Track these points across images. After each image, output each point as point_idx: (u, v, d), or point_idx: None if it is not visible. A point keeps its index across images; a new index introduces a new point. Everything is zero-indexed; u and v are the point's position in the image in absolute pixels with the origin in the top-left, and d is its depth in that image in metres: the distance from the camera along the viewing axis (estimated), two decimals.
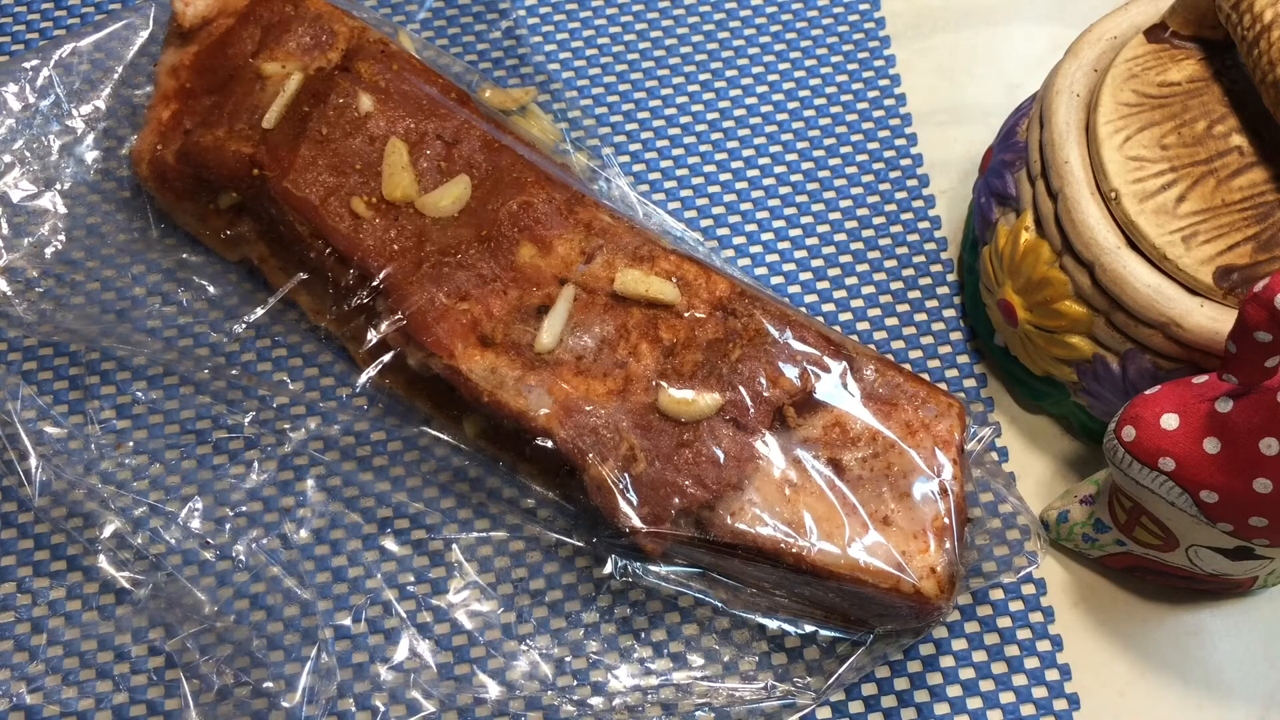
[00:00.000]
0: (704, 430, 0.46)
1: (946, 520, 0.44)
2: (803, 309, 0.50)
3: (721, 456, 0.45)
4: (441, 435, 0.51)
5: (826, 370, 0.47)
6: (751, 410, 0.46)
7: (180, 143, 0.53)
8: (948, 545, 0.44)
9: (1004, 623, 0.49)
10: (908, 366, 0.53)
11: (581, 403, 0.46)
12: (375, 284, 0.49)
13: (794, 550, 0.44)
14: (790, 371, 0.46)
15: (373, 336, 0.48)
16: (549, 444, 0.46)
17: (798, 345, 0.47)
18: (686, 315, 0.47)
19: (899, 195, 0.58)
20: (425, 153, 0.50)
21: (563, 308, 0.47)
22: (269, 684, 0.47)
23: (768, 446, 0.45)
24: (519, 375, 0.47)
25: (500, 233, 0.49)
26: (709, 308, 0.48)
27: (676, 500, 0.45)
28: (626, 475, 0.45)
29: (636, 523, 0.45)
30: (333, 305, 0.51)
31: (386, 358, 0.49)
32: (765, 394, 0.46)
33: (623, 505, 0.45)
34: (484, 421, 0.50)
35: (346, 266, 0.49)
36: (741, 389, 0.46)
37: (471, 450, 0.51)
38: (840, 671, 0.47)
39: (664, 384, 0.46)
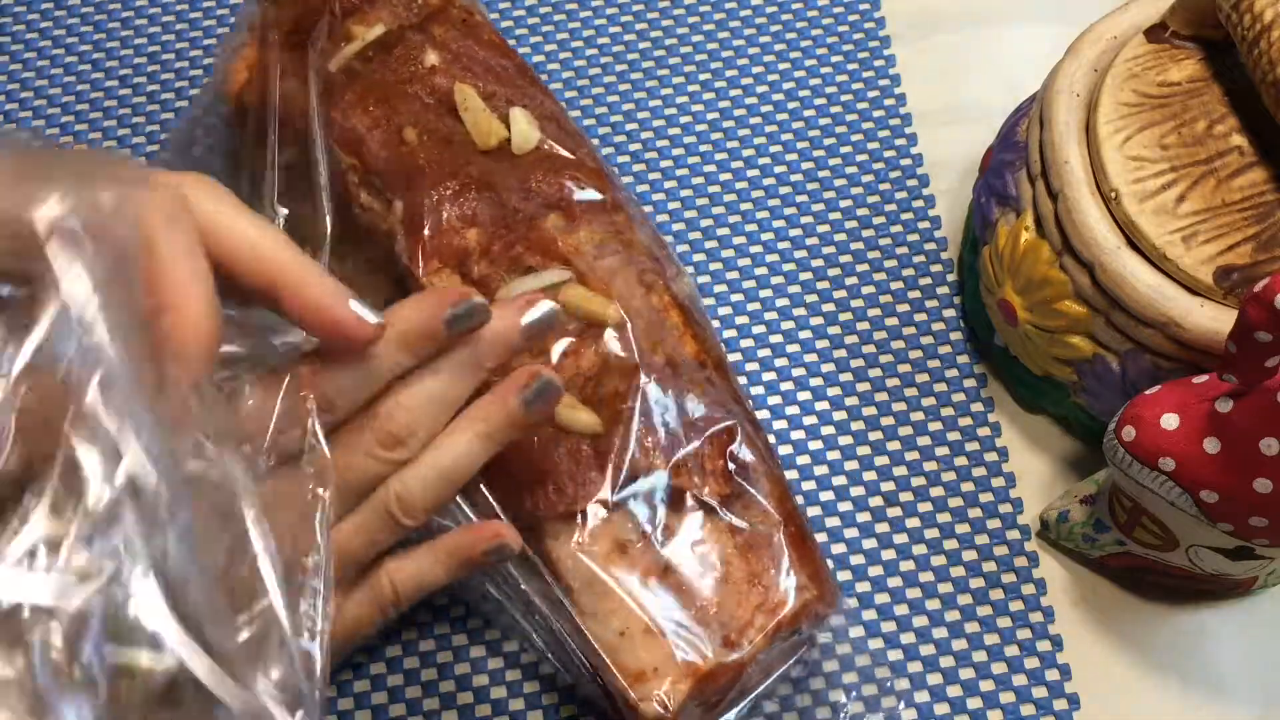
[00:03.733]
0: (570, 454, 0.44)
1: (709, 670, 0.42)
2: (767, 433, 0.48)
3: (569, 485, 0.44)
4: None
5: (724, 483, 0.45)
6: (628, 467, 0.44)
7: (262, 87, 0.52)
8: (686, 693, 0.42)
9: (1004, 623, 0.49)
10: (821, 537, 0.51)
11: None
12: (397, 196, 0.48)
13: (571, 596, 0.43)
14: (688, 459, 0.45)
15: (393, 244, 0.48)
16: None
17: (713, 445, 0.45)
18: (639, 356, 0.46)
19: (899, 195, 0.58)
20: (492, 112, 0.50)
21: (545, 279, 0.47)
22: None
23: (625, 506, 0.44)
24: None
25: (543, 190, 0.48)
26: (663, 359, 0.46)
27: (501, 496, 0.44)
28: None
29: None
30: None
31: None
32: (655, 464, 0.44)
33: None
34: None
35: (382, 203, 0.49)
36: (635, 446, 0.44)
37: None
38: None
39: (566, 395, 0.45)
